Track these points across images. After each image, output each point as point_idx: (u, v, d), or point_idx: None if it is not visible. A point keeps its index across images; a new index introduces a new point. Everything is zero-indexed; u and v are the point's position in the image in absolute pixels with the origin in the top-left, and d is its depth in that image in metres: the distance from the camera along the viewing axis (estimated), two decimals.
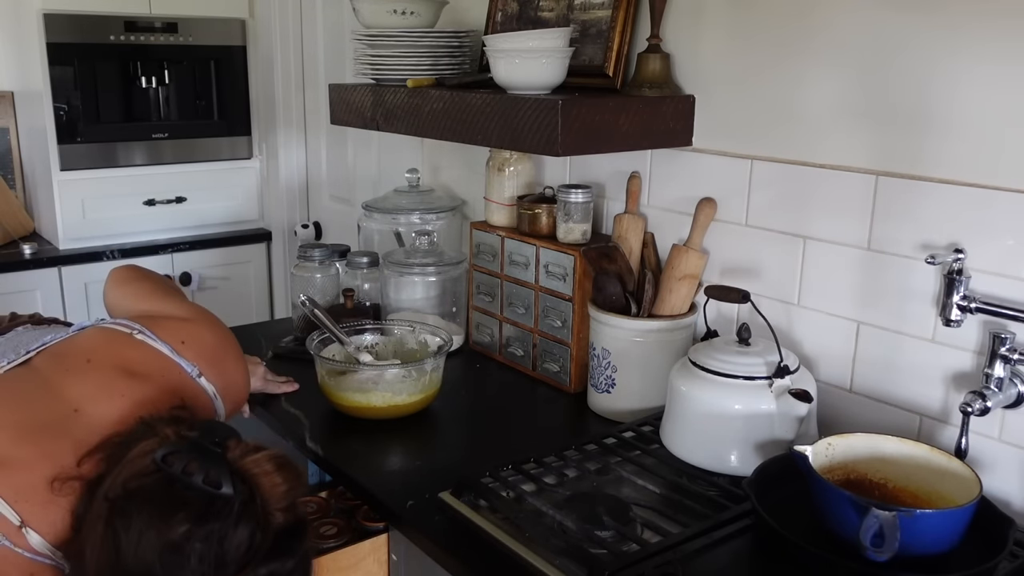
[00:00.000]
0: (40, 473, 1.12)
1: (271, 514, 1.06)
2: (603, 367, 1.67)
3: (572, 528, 1.24)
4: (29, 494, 1.11)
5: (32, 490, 1.11)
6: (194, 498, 1.03)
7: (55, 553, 1.12)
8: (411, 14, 1.91)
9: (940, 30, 1.31)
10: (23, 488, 1.11)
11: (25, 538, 1.10)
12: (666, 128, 1.64)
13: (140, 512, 1.03)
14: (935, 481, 1.24)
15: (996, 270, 1.30)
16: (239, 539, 1.02)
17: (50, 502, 1.12)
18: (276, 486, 1.07)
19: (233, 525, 1.02)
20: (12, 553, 1.10)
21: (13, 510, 1.09)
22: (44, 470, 1.12)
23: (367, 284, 2.14)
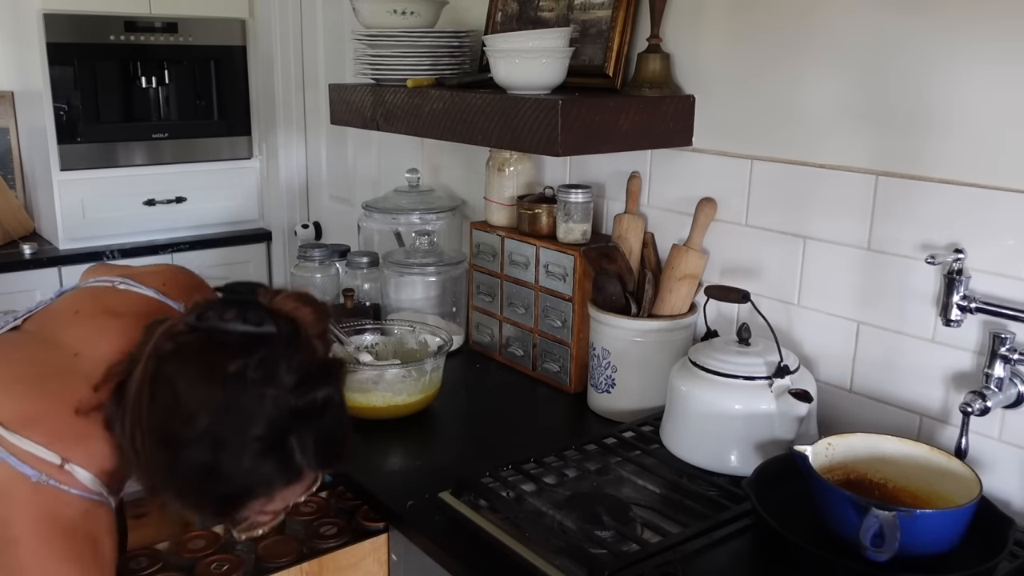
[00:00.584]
0: (65, 415, 1.12)
1: (312, 342, 1.10)
2: (603, 367, 1.67)
3: (572, 528, 1.24)
4: (62, 434, 1.11)
5: (63, 431, 1.12)
6: (239, 340, 1.05)
7: (105, 489, 1.13)
8: (411, 14, 1.91)
9: (940, 30, 1.31)
10: (54, 432, 1.11)
11: (72, 475, 1.10)
12: (666, 128, 1.64)
13: (186, 367, 1.04)
14: (935, 481, 1.24)
15: (996, 270, 1.30)
16: (292, 365, 1.05)
17: (84, 436, 1.12)
18: (309, 317, 1.11)
19: (283, 354, 1.06)
20: (63, 493, 1.09)
21: (50, 451, 1.09)
22: (68, 411, 1.12)
23: (367, 284, 2.14)
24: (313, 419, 1.09)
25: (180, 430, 1.04)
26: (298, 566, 1.33)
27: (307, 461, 1.09)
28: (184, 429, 1.04)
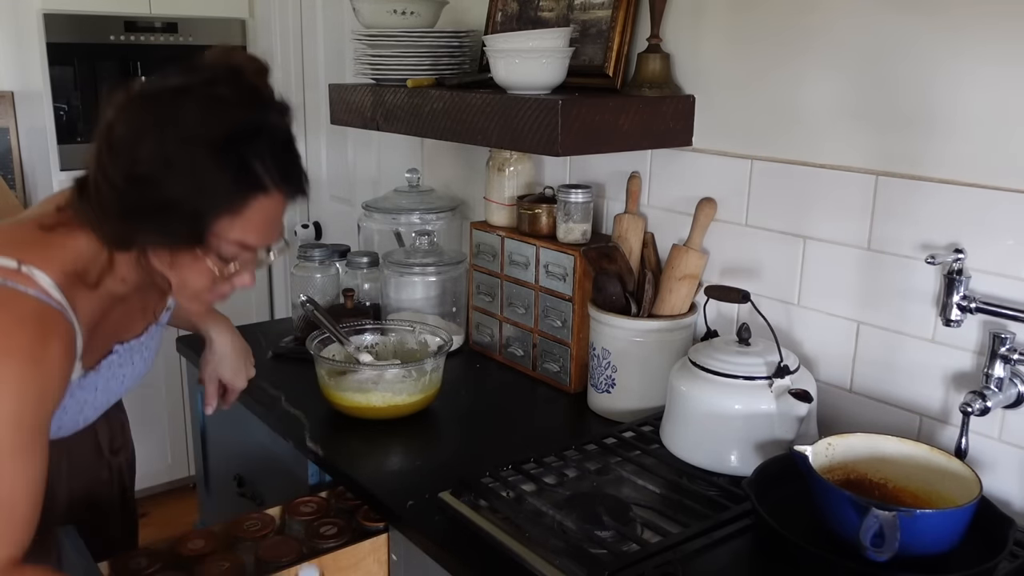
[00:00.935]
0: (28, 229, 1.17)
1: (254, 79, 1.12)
2: (603, 367, 1.67)
3: (572, 528, 1.24)
4: (21, 242, 1.14)
5: (23, 239, 1.15)
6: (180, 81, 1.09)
7: (65, 299, 1.13)
8: (411, 14, 1.91)
9: (939, 31, 1.31)
10: (13, 239, 1.16)
11: (31, 278, 1.10)
12: (666, 128, 1.64)
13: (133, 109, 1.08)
14: (935, 481, 1.24)
15: (996, 270, 1.30)
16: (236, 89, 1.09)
17: (45, 244, 1.14)
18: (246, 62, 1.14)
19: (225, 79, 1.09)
20: (19, 294, 1.09)
21: (8, 257, 1.11)
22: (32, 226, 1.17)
23: (367, 284, 2.14)
24: (264, 135, 1.09)
25: (135, 159, 1.06)
26: (298, 566, 1.33)
27: (267, 172, 1.09)
28: (139, 156, 1.06)
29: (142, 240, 1.11)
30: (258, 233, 1.13)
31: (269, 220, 1.14)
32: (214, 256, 1.12)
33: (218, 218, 1.08)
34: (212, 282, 1.17)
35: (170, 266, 1.14)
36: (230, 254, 1.13)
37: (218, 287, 1.18)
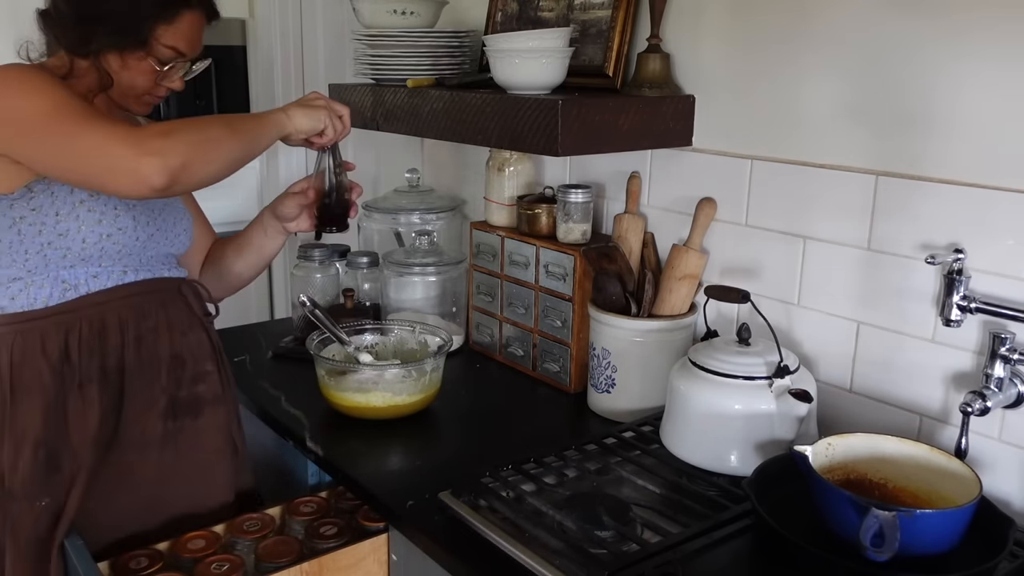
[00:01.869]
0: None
1: None
2: (603, 367, 1.67)
3: (572, 528, 1.24)
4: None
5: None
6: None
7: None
8: (411, 14, 1.91)
9: (939, 32, 1.31)
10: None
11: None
12: (666, 128, 1.64)
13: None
14: (935, 481, 1.24)
15: (996, 270, 1.30)
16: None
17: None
18: None
19: None
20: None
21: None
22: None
23: (367, 284, 2.14)
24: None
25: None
26: (298, 566, 1.33)
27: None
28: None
29: (97, 45, 1.38)
30: (187, 42, 1.43)
31: (194, 33, 1.44)
32: (155, 58, 1.41)
33: (156, 25, 1.38)
34: (153, 84, 1.45)
35: (120, 67, 1.41)
36: (166, 57, 1.42)
37: (156, 89, 1.46)
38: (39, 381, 1.36)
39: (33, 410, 1.36)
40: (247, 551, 1.38)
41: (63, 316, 1.38)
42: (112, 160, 1.25)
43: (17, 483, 1.35)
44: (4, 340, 1.37)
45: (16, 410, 1.36)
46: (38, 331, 1.37)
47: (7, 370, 1.36)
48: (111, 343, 1.41)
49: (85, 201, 1.36)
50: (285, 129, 1.45)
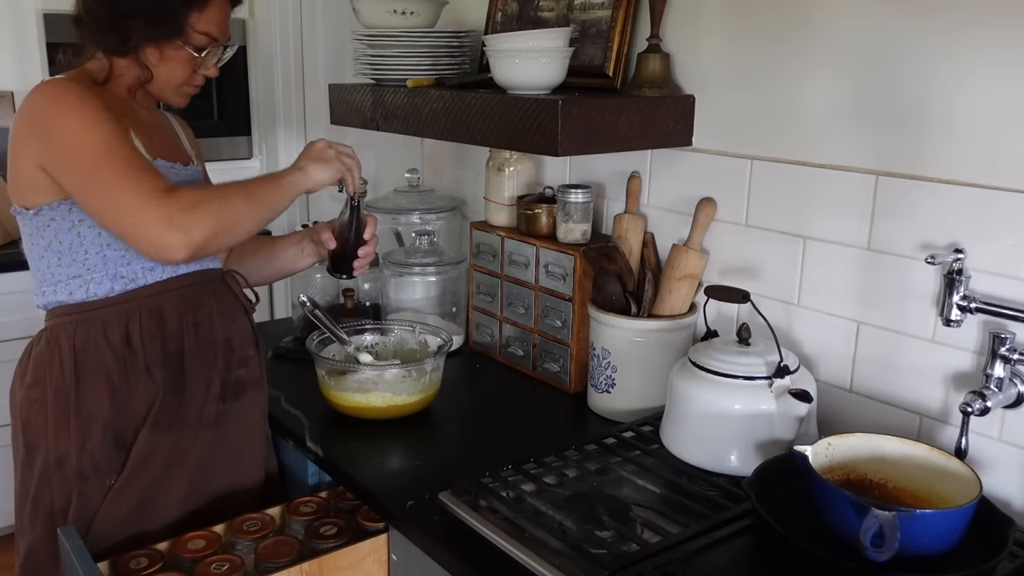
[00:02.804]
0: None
1: None
2: (603, 367, 1.67)
3: (572, 528, 1.24)
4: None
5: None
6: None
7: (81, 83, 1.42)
8: (411, 14, 1.91)
9: (939, 32, 1.31)
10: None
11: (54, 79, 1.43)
12: (666, 128, 1.64)
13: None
14: (935, 481, 1.24)
15: (996, 270, 1.30)
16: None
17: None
18: None
19: None
20: (45, 83, 1.42)
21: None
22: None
23: (367, 284, 2.14)
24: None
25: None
26: (298, 566, 1.33)
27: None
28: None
29: (136, 40, 1.42)
30: (218, 27, 1.49)
31: (224, 17, 1.50)
32: (191, 46, 1.46)
33: (189, 13, 1.44)
34: (190, 73, 1.51)
35: (159, 60, 1.46)
36: (201, 43, 1.47)
37: (193, 78, 1.53)
38: (103, 366, 1.44)
39: (99, 393, 1.44)
40: (247, 551, 1.38)
41: (122, 306, 1.45)
42: (140, 227, 1.34)
43: (88, 463, 1.44)
44: (65, 329, 1.44)
45: (81, 394, 1.44)
46: (99, 320, 1.44)
47: (70, 356, 1.44)
48: (170, 329, 1.48)
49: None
50: (304, 187, 1.52)
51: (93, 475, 1.44)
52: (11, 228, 2.96)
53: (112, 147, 1.35)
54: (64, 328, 1.45)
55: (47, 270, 1.46)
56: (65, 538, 1.33)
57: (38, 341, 1.49)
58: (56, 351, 1.45)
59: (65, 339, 1.44)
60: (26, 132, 1.39)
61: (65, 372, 1.44)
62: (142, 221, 1.33)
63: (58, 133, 1.36)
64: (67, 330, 1.44)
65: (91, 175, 1.35)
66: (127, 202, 1.33)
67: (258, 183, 1.48)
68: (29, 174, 1.40)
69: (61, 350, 1.44)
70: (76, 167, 1.36)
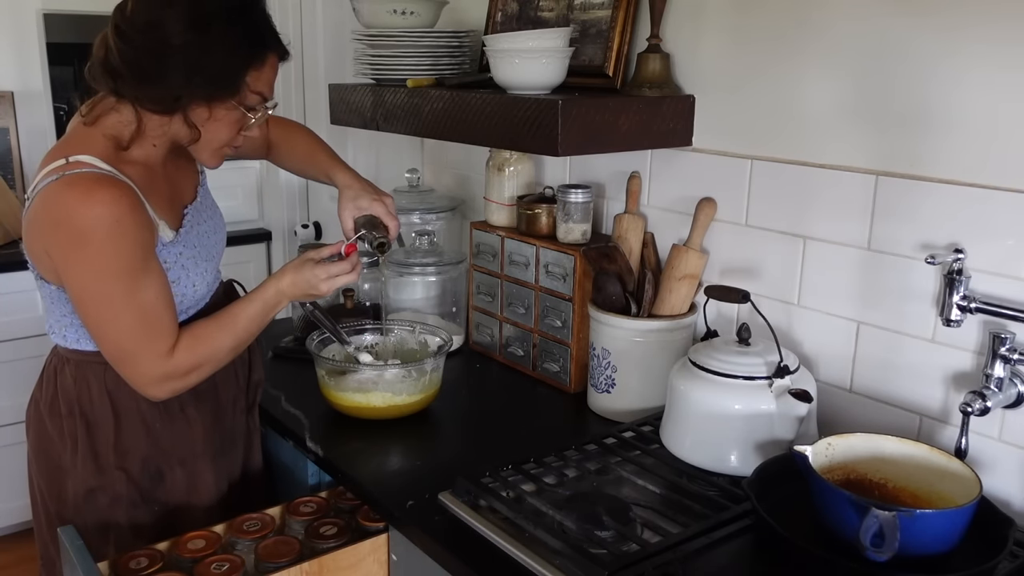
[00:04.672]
0: (74, 130, 1.43)
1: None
2: (603, 367, 1.67)
3: (572, 528, 1.24)
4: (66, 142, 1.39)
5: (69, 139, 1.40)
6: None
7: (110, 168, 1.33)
8: (411, 14, 1.91)
9: (939, 32, 1.31)
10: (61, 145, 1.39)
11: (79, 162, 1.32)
12: (666, 128, 1.64)
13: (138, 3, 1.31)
14: (935, 481, 1.24)
15: (996, 270, 1.30)
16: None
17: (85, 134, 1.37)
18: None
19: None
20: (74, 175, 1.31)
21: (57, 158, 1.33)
22: (76, 124, 1.43)
23: (367, 284, 2.14)
24: (253, 4, 1.37)
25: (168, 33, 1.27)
26: (298, 566, 1.33)
27: (268, 33, 1.37)
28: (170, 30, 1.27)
29: (187, 99, 1.32)
30: (269, 86, 1.41)
31: (275, 75, 1.41)
32: (244, 107, 1.37)
33: (248, 71, 1.34)
34: (235, 134, 1.41)
35: (206, 119, 1.36)
36: (254, 103, 1.39)
37: (236, 140, 1.43)
38: (137, 407, 1.46)
39: (135, 432, 1.48)
40: (247, 551, 1.38)
41: None
42: (135, 380, 1.39)
43: (134, 492, 1.49)
44: (94, 370, 1.45)
45: (120, 431, 1.47)
46: None
47: (102, 396, 1.46)
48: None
49: (186, 266, 1.46)
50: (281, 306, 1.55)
51: (140, 501, 1.49)
52: (11, 228, 2.96)
53: (130, 306, 1.33)
54: (92, 369, 1.45)
55: (70, 326, 1.44)
56: (65, 538, 1.33)
57: (61, 370, 1.47)
58: (86, 389, 1.45)
59: (95, 379, 1.45)
60: (48, 237, 1.33)
61: (98, 410, 1.45)
62: (140, 381, 1.39)
63: (80, 275, 1.32)
64: (96, 371, 1.45)
65: (101, 328, 1.36)
66: (131, 361, 1.37)
67: (250, 325, 1.49)
68: (48, 265, 1.37)
69: (91, 389, 1.45)
70: (89, 315, 1.35)
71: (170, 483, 1.51)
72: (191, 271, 1.47)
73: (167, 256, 1.42)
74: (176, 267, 1.44)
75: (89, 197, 1.28)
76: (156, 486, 1.50)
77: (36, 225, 1.35)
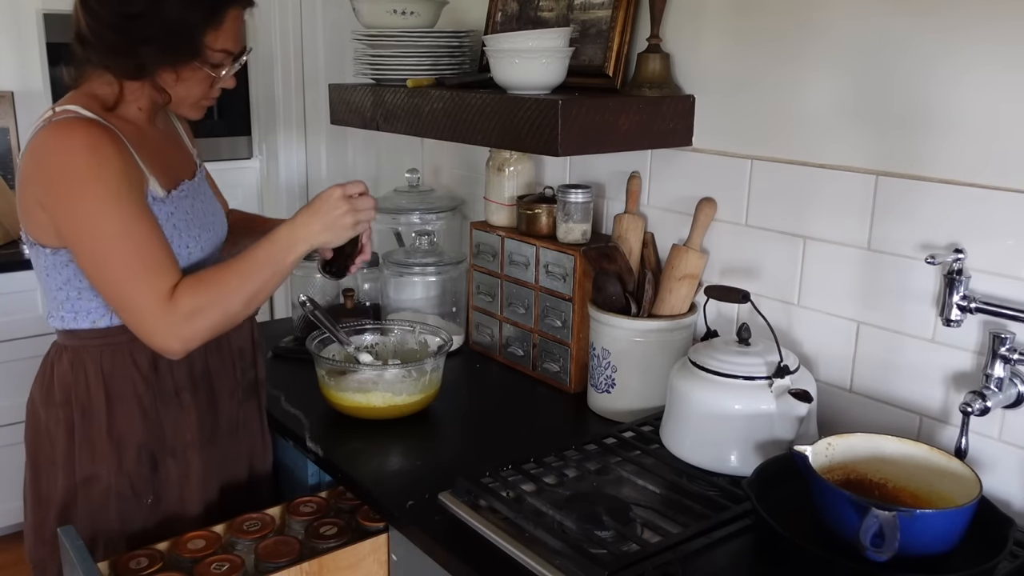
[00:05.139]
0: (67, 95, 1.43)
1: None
2: (603, 367, 1.67)
3: (572, 528, 1.24)
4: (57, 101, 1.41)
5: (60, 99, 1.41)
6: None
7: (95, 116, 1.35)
8: (411, 14, 1.91)
9: (939, 32, 1.31)
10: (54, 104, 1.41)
11: (64, 110, 1.35)
12: (666, 128, 1.64)
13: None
14: (935, 481, 1.24)
15: (996, 270, 1.30)
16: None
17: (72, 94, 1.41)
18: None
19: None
20: (60, 121, 1.33)
21: (46, 112, 1.37)
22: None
23: (367, 284, 2.14)
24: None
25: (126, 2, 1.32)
26: (298, 566, 1.33)
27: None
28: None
29: (151, 65, 1.36)
30: (234, 40, 1.41)
31: (239, 28, 1.42)
32: (209, 65, 1.40)
33: (206, 33, 1.36)
34: (208, 89, 1.45)
35: (175, 81, 1.40)
36: (219, 61, 1.41)
37: (211, 93, 1.46)
38: (133, 390, 1.45)
39: (131, 417, 1.46)
40: (247, 551, 1.38)
41: None
42: (141, 329, 1.36)
43: (126, 484, 1.46)
44: (91, 353, 1.44)
45: (114, 416, 1.45)
46: (126, 346, 1.44)
47: (98, 380, 1.44)
48: (197, 350, 1.45)
49: (178, 226, 1.44)
50: (307, 251, 1.46)
51: (131, 495, 1.47)
52: (11, 228, 2.96)
53: (122, 236, 1.32)
54: (89, 352, 1.44)
55: (66, 301, 1.43)
56: (65, 538, 1.33)
57: (59, 359, 1.47)
58: (82, 374, 1.44)
59: (91, 363, 1.44)
60: (37, 185, 1.34)
61: (93, 395, 1.44)
62: (144, 327, 1.35)
63: (69, 210, 1.31)
64: (92, 354, 1.44)
65: (99, 266, 1.34)
66: (132, 305, 1.34)
67: (262, 268, 1.40)
68: (42, 220, 1.36)
69: (87, 373, 1.44)
70: (84, 253, 1.34)
71: (163, 474, 1.49)
72: (184, 232, 1.45)
73: (159, 212, 1.40)
74: (168, 226, 1.42)
75: (70, 133, 1.32)
76: (149, 476, 1.48)
77: (26, 177, 1.36)
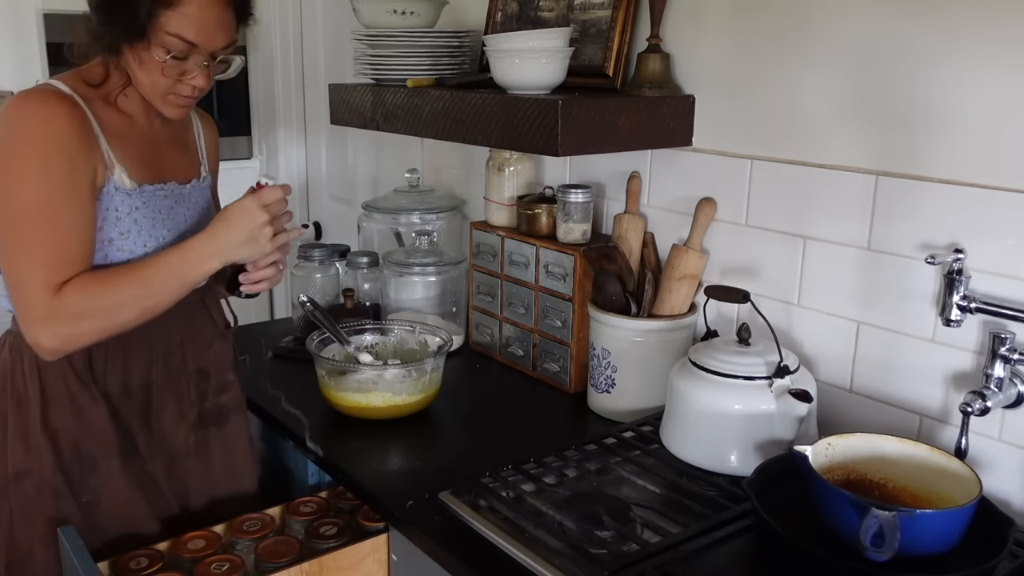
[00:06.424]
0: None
1: None
2: (603, 367, 1.67)
3: (572, 528, 1.24)
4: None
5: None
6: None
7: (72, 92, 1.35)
8: (411, 14, 1.91)
9: (939, 32, 1.31)
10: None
11: (46, 84, 1.38)
12: (666, 128, 1.64)
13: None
14: (935, 481, 1.24)
15: (996, 270, 1.30)
16: None
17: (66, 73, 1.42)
18: None
19: None
20: (34, 89, 1.34)
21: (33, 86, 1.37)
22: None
23: (367, 284, 2.14)
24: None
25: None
26: (298, 566, 1.33)
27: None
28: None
29: (108, 39, 1.33)
30: (196, 30, 1.31)
31: (207, 18, 1.32)
32: (161, 49, 1.32)
33: (155, 10, 1.29)
34: (172, 80, 1.35)
35: (137, 64, 1.34)
36: (175, 47, 1.32)
37: (178, 87, 1.37)
38: (66, 385, 1.39)
39: (63, 411, 1.40)
40: (247, 551, 1.38)
41: None
42: (22, 314, 1.31)
43: (60, 480, 1.40)
44: (27, 343, 1.35)
45: (48, 411, 1.40)
46: None
47: (32, 370, 1.39)
48: (136, 361, 1.43)
49: (140, 222, 1.39)
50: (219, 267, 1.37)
51: (67, 493, 1.40)
52: None
53: (37, 216, 1.26)
54: (25, 340, 1.35)
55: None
56: (65, 538, 1.33)
57: (2, 348, 1.43)
58: (19, 361, 1.40)
59: (26, 351, 1.37)
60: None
61: (28, 386, 1.39)
62: (24, 316, 1.30)
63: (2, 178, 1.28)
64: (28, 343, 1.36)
65: (3, 241, 1.29)
66: (20, 289, 1.29)
67: (168, 279, 1.33)
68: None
69: (23, 361, 1.39)
70: (2, 226, 1.29)
71: (105, 474, 1.42)
72: (145, 230, 1.39)
73: (119, 203, 1.36)
74: (127, 219, 1.37)
75: (28, 102, 1.30)
76: (86, 476, 1.41)
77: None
